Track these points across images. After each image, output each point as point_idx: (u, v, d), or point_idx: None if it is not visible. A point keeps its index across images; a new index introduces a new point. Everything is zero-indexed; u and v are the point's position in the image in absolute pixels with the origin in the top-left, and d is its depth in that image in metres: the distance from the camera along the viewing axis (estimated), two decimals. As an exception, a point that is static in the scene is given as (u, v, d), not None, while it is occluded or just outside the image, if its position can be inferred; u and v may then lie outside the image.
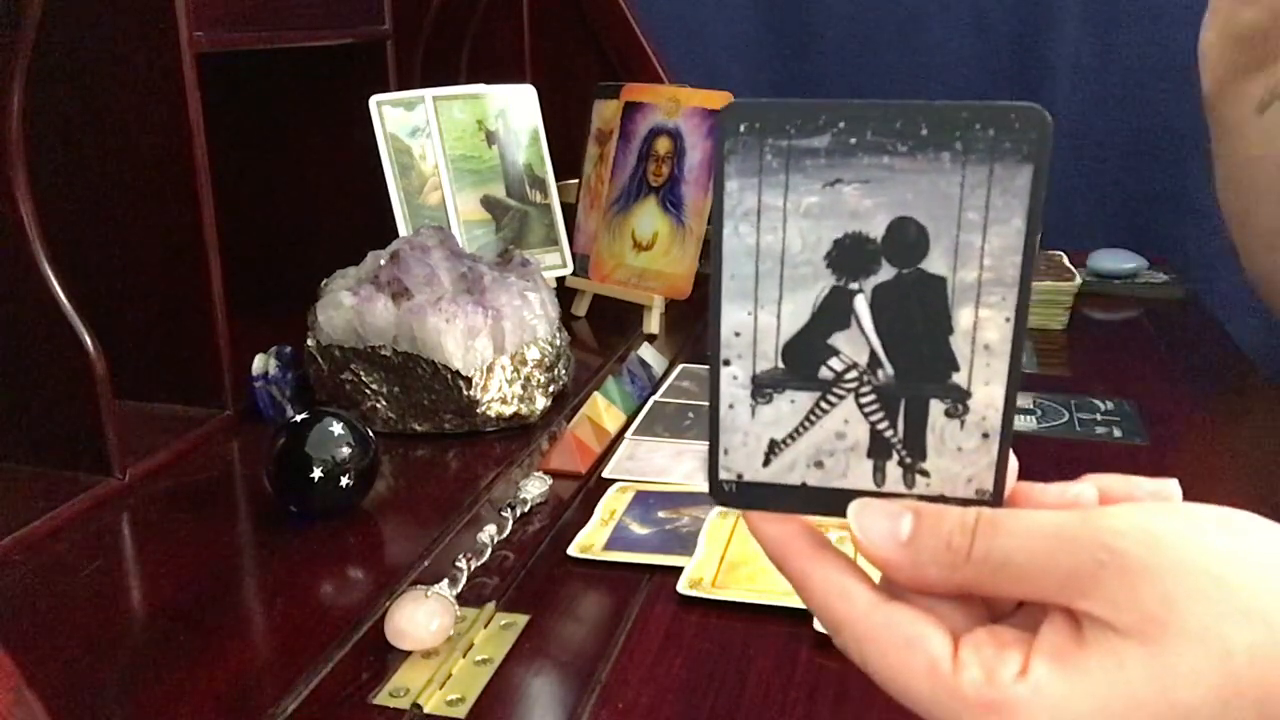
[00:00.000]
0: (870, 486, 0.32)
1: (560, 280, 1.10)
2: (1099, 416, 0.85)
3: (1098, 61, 1.40)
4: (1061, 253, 1.18)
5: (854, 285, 0.31)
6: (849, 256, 0.31)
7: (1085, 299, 1.13)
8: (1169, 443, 0.81)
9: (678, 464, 0.76)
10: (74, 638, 0.56)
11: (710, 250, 0.32)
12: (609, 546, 0.64)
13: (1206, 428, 0.86)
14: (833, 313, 0.31)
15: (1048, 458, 0.78)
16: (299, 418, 0.67)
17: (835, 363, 0.32)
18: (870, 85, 1.46)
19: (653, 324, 1.05)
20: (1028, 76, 1.42)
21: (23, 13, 0.64)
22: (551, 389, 0.84)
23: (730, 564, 0.61)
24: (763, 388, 0.32)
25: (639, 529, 0.66)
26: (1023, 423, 0.84)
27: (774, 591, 0.58)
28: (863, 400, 0.32)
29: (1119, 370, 0.98)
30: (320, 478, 0.65)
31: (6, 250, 0.68)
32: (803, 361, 0.32)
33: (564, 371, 0.87)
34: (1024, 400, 0.88)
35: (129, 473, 0.72)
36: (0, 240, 0.67)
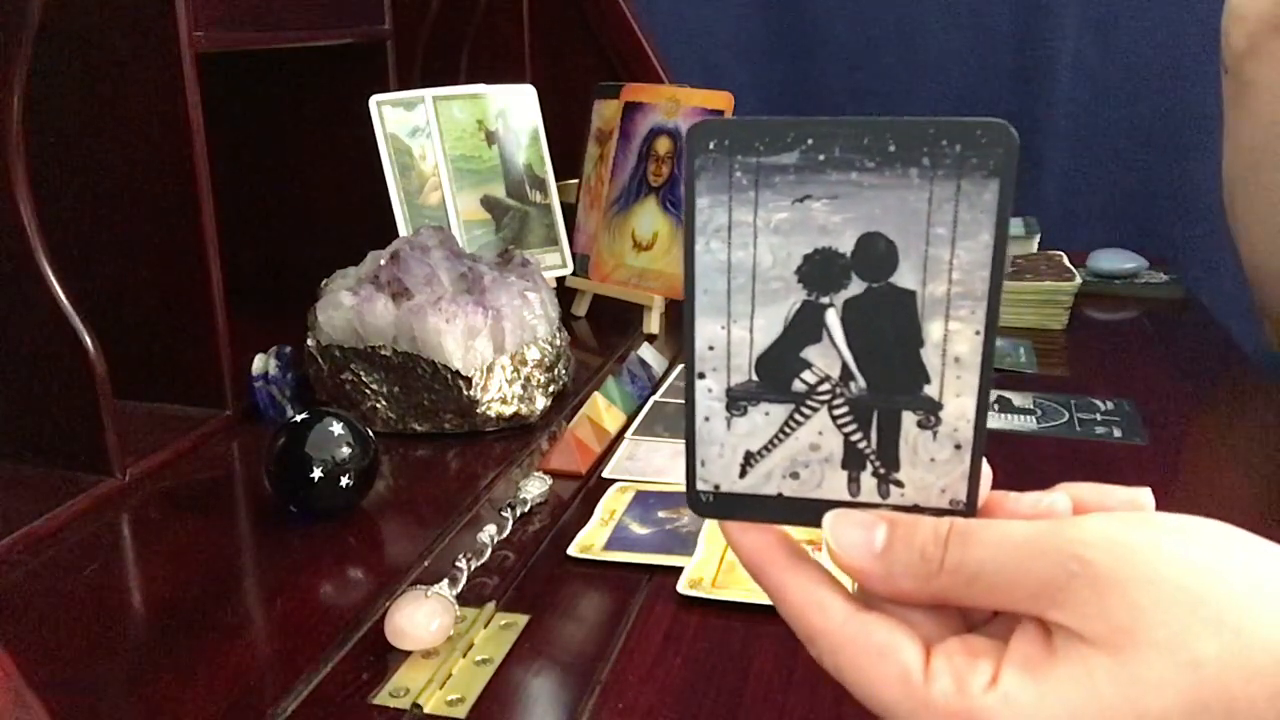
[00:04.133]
0: (845, 497, 0.33)
1: (560, 280, 1.10)
2: (1099, 416, 0.85)
3: (1098, 60, 1.40)
4: (1061, 253, 1.18)
5: (825, 299, 0.31)
6: (819, 271, 0.31)
7: (1085, 299, 1.13)
8: (1169, 443, 0.81)
9: (678, 464, 0.76)
10: (74, 638, 0.56)
11: (683, 266, 0.32)
12: (609, 546, 0.64)
13: (1206, 428, 0.86)
14: (804, 326, 0.32)
15: (1048, 458, 0.78)
16: (299, 418, 0.67)
17: (808, 375, 0.32)
18: (870, 85, 1.47)
19: (653, 324, 1.05)
20: (1028, 76, 1.42)
21: (23, 13, 0.64)
22: (551, 389, 0.84)
23: (730, 564, 0.61)
24: (737, 400, 0.33)
25: (639, 529, 0.66)
26: (1023, 423, 0.84)
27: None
28: (836, 412, 0.32)
29: (1119, 370, 0.98)
30: (320, 478, 0.65)
31: (6, 250, 0.68)
32: (776, 374, 0.32)
33: (564, 371, 0.87)
34: (1024, 400, 0.88)
35: (129, 473, 0.72)
36: (0, 240, 0.67)
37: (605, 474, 0.75)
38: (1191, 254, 1.37)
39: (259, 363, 0.83)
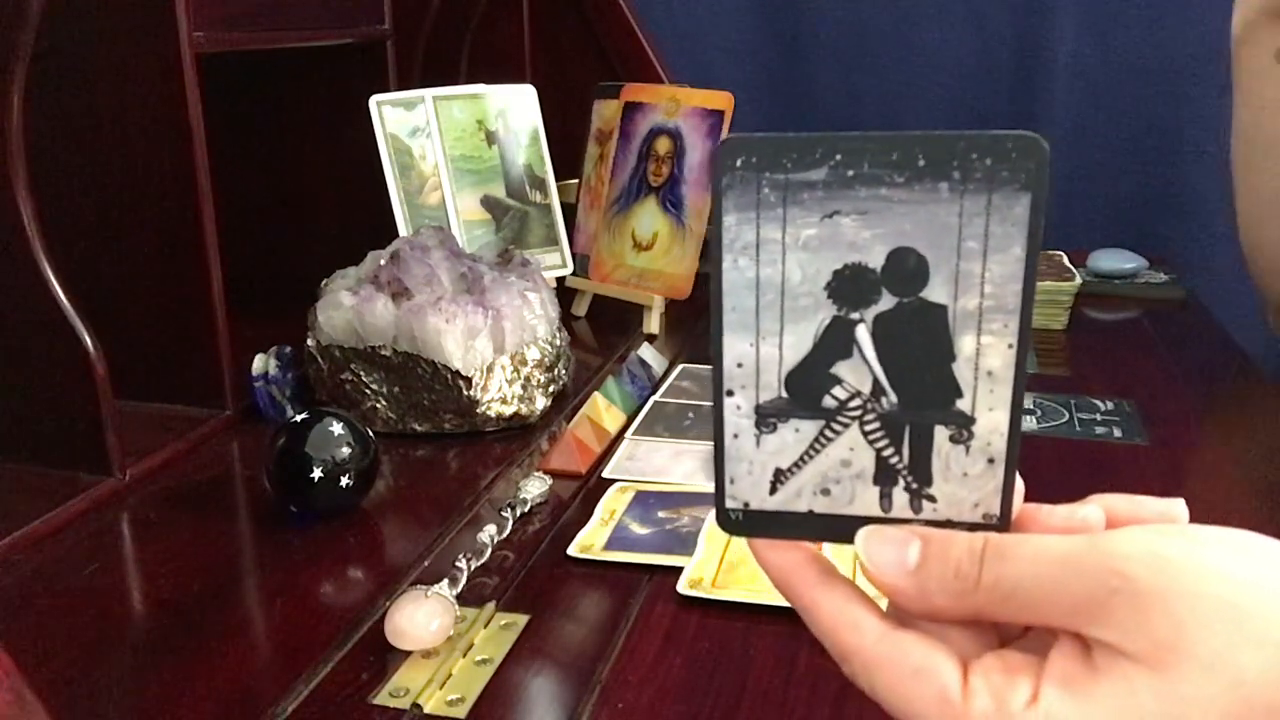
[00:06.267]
0: (877, 513, 0.33)
1: (560, 280, 1.10)
2: (1099, 416, 0.85)
3: (1097, 62, 1.40)
4: (1061, 253, 1.18)
5: (855, 315, 0.31)
6: (849, 287, 0.31)
7: (1085, 299, 1.13)
8: (1169, 443, 0.81)
9: (678, 464, 0.76)
10: (74, 638, 0.56)
11: (710, 283, 0.32)
12: (609, 546, 0.64)
13: (1206, 428, 0.86)
14: (834, 342, 0.32)
15: (1048, 458, 0.78)
16: (299, 418, 0.67)
17: (839, 391, 0.32)
18: (868, 86, 1.46)
19: (653, 324, 1.05)
20: (1026, 77, 1.42)
21: (23, 13, 0.64)
22: (551, 389, 0.84)
23: (730, 564, 0.61)
24: (767, 417, 0.32)
25: (639, 529, 0.66)
26: (1022, 423, 0.84)
27: (774, 591, 0.58)
28: (867, 428, 0.32)
29: (1119, 370, 0.98)
30: (320, 478, 0.65)
31: (6, 250, 0.68)
32: (806, 391, 0.32)
33: (564, 371, 0.87)
34: (1024, 400, 0.88)
35: (129, 473, 0.72)
36: (0, 240, 0.67)
37: (605, 474, 0.75)
38: (1191, 254, 1.37)
39: (259, 363, 0.83)
